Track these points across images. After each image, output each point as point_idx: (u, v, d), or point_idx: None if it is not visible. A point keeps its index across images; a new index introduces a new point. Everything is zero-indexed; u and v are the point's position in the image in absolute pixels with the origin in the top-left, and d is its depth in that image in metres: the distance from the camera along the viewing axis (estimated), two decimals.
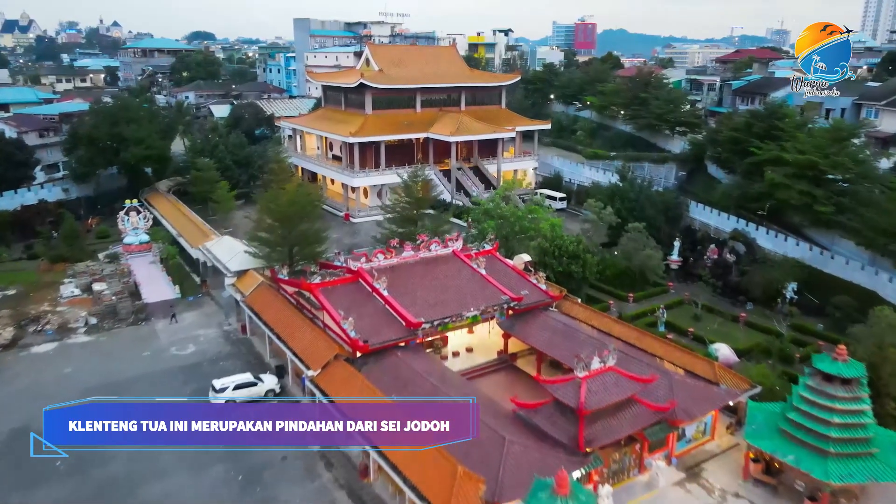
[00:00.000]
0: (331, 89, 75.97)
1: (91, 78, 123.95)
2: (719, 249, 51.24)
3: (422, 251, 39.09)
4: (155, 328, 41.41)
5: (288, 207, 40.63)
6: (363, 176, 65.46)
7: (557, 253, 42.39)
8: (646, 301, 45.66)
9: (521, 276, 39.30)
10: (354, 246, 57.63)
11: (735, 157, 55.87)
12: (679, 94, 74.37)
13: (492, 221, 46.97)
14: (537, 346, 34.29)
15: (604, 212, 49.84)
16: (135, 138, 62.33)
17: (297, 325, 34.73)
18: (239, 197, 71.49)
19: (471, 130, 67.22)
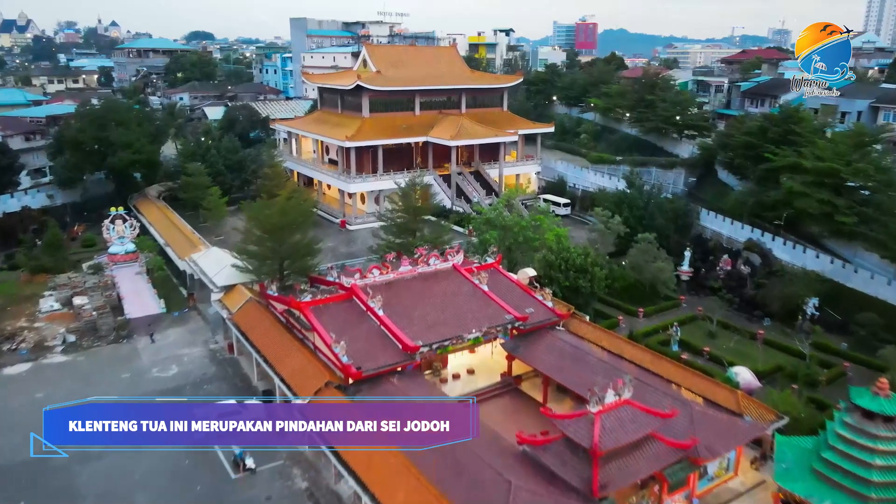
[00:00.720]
0: (327, 91, 73.56)
1: (84, 79, 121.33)
2: (733, 260, 48.83)
3: (420, 266, 36.72)
4: (137, 346, 39.01)
5: (278, 218, 38.19)
6: (360, 182, 63.03)
7: (564, 266, 40.00)
8: (657, 316, 43.25)
9: (526, 292, 36.90)
10: (350, 255, 55.28)
11: (748, 163, 53.41)
12: (687, 97, 71.90)
13: (494, 232, 44.57)
14: (544, 370, 31.86)
15: (611, 221, 47.45)
16: (122, 142, 59.94)
17: (286, 346, 32.34)
18: (232, 203, 69.15)
19: (472, 134, 64.81)
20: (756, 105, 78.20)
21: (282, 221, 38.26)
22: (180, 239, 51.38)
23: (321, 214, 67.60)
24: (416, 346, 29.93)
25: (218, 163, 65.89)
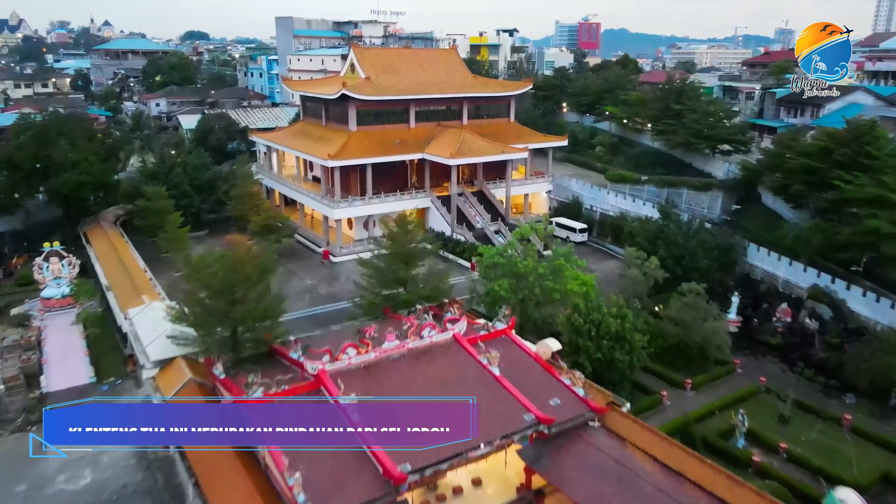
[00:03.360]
0: (310, 100, 64.86)
1: (55, 83, 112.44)
2: (794, 311, 40.26)
3: (410, 339, 28.21)
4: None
5: (229, 275, 29.47)
6: (345, 206, 54.32)
7: (595, 332, 31.37)
8: (709, 388, 34.64)
9: (549, 373, 28.37)
10: (332, 297, 46.70)
11: (806, 189, 44.73)
12: (722, 107, 62.95)
13: (504, 281, 35.93)
14: (579, 500, 23.18)
15: (647, 264, 38.80)
16: (66, 161, 51.19)
17: (229, 465, 23.67)
18: (203, 226, 60.65)
19: (475, 151, 56.09)
20: (794, 115, 69.55)
21: (233, 278, 29.56)
22: (125, 281, 42.69)
23: (302, 242, 59.02)
24: (401, 474, 21.33)
25: (183, 182, 57.25)
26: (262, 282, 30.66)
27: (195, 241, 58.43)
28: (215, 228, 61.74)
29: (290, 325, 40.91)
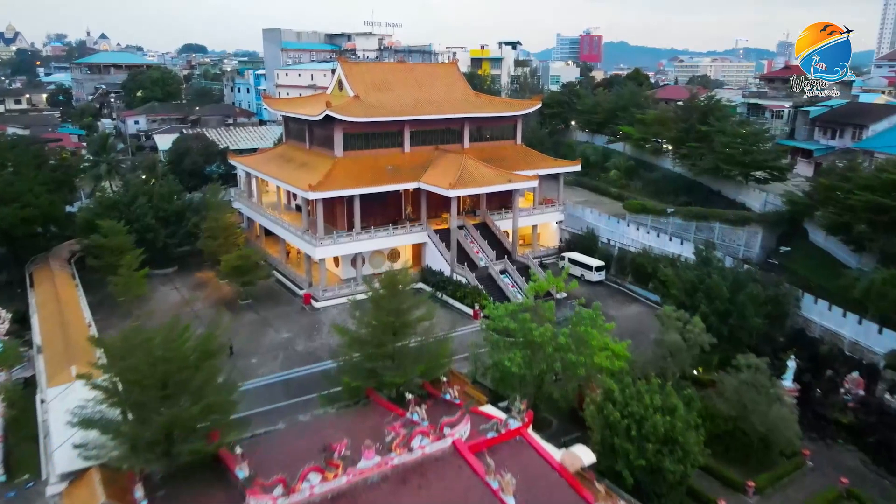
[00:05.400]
0: (293, 121, 58.00)
1: (29, 98, 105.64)
2: (867, 381, 33.15)
3: (395, 453, 21.21)
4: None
5: (160, 365, 22.38)
6: (328, 243, 47.30)
7: (636, 432, 24.22)
8: (777, 493, 27.44)
9: (578, 495, 21.34)
10: (310, 356, 39.66)
11: (871, 231, 37.72)
12: (755, 128, 55.89)
13: (517, 354, 28.83)
14: None
15: (689, 326, 31.71)
16: (6, 193, 44.30)
17: None
18: (171, 262, 53.72)
19: (478, 180, 49.14)
20: (832, 136, 62.70)
21: (164, 368, 22.46)
22: (59, 342, 35.46)
23: (281, 281, 52.02)
24: None
25: (147, 215, 50.29)
26: (204, 369, 23.55)
27: (161, 280, 51.73)
28: (186, 265, 54.88)
29: (255, 393, 34.12)
